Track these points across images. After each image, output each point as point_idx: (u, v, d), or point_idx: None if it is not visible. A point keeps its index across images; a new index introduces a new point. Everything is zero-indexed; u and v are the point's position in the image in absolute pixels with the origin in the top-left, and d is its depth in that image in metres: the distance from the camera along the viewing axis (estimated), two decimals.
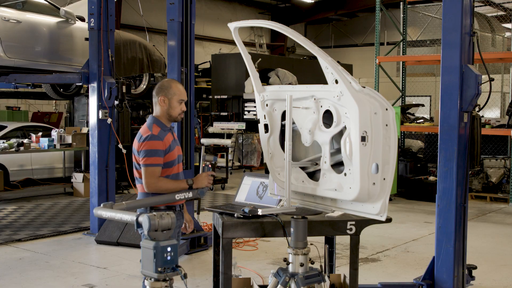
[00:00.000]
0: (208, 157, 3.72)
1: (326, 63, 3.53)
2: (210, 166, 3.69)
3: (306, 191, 3.73)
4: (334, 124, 3.49)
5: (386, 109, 3.31)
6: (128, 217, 2.86)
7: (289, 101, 3.57)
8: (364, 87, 3.40)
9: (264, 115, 3.89)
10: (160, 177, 3.65)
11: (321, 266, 3.78)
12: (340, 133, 3.46)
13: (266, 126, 3.89)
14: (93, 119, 7.70)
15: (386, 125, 3.31)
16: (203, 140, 14.10)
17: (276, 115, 3.84)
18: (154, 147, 3.64)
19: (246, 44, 23.16)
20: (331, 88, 3.50)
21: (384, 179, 3.32)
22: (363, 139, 3.30)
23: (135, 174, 3.82)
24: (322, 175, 3.58)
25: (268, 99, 3.88)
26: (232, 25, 4.08)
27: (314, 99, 3.60)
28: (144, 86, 10.46)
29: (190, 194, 3.62)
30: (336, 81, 3.47)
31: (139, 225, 2.73)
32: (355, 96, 3.37)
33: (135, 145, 3.75)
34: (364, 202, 3.41)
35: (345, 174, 3.43)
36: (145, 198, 3.64)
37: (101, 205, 3.19)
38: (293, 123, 3.72)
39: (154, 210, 3.70)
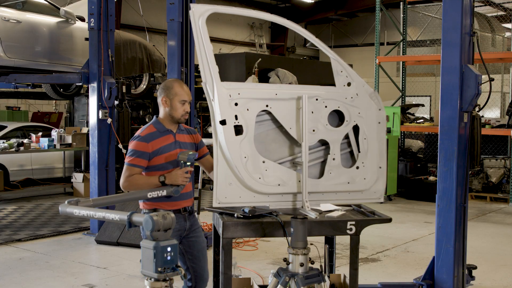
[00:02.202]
0: (182, 155, 3.60)
1: (342, 67, 3.85)
2: (188, 163, 3.60)
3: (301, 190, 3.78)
4: (346, 123, 3.84)
5: (380, 109, 3.89)
6: (115, 215, 2.78)
7: (305, 101, 3.67)
8: (373, 90, 3.90)
9: (236, 116, 3.61)
10: (133, 175, 3.59)
11: (321, 266, 3.78)
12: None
13: (237, 127, 3.59)
14: (93, 119, 7.69)
15: (379, 122, 3.89)
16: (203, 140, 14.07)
17: (250, 115, 3.64)
18: (136, 147, 3.62)
19: (246, 44, 23.28)
20: (342, 90, 3.83)
21: (380, 167, 3.90)
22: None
23: None
24: (327, 172, 3.81)
25: (240, 97, 3.64)
26: (201, 9, 3.64)
27: (316, 99, 3.71)
28: (144, 86, 10.46)
29: (164, 192, 3.49)
30: (349, 84, 3.84)
31: (131, 224, 2.71)
32: (371, 98, 3.87)
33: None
34: (366, 190, 3.91)
35: (357, 168, 3.86)
36: (114, 195, 3.61)
37: (66, 202, 3.04)
38: (275, 120, 3.75)
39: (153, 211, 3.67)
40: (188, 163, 3.55)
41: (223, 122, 3.55)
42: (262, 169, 3.64)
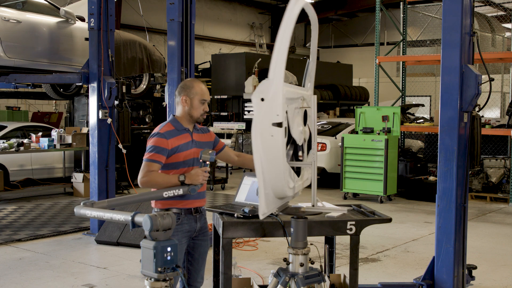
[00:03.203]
0: (205, 155, 3.57)
1: (312, 67, 3.82)
2: (207, 163, 3.57)
3: (298, 189, 3.78)
4: (307, 122, 3.85)
5: None
6: (121, 216, 2.80)
7: (314, 101, 3.66)
8: None
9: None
10: (152, 171, 3.53)
11: (321, 266, 3.78)
12: None
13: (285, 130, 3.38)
14: (93, 119, 7.70)
15: None
16: None
17: (285, 116, 3.51)
18: (155, 143, 3.58)
19: (246, 44, 23.28)
20: (307, 90, 3.87)
21: None
22: None
23: None
24: (302, 169, 3.79)
25: (286, 97, 3.45)
26: None
27: (302, 100, 3.77)
28: (144, 86, 10.46)
29: (180, 191, 3.45)
30: (309, 85, 3.87)
31: (134, 225, 2.71)
32: None
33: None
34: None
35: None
36: (129, 195, 3.52)
37: (81, 203, 3.07)
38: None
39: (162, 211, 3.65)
40: (208, 163, 3.54)
41: (280, 125, 3.20)
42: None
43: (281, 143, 3.23)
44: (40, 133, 10.58)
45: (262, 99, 3.19)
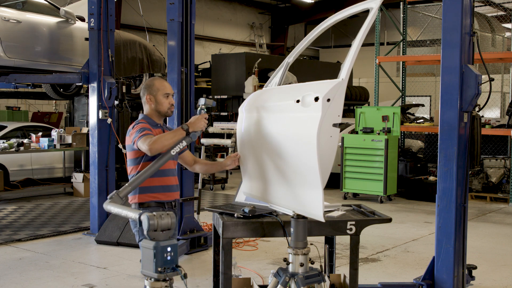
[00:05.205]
0: (207, 101, 3.64)
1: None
2: (205, 109, 3.66)
3: None
4: None
5: None
6: (134, 214, 2.81)
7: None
8: None
9: None
10: (153, 137, 3.52)
11: (321, 266, 3.78)
12: None
13: None
14: (93, 119, 7.70)
15: None
16: (203, 140, 14.05)
17: None
18: (142, 126, 3.68)
19: (246, 44, 23.28)
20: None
21: None
22: None
23: (128, 172, 3.81)
24: None
25: None
26: None
27: None
28: None
29: (184, 143, 3.50)
30: None
31: (140, 223, 2.71)
32: None
33: (127, 140, 3.77)
34: None
35: None
36: (145, 169, 3.34)
37: (108, 198, 3.13)
38: None
39: (143, 208, 3.66)
40: (205, 109, 3.65)
41: (338, 125, 3.15)
42: None
43: (336, 144, 3.18)
44: (40, 133, 10.58)
45: (328, 100, 3.10)
